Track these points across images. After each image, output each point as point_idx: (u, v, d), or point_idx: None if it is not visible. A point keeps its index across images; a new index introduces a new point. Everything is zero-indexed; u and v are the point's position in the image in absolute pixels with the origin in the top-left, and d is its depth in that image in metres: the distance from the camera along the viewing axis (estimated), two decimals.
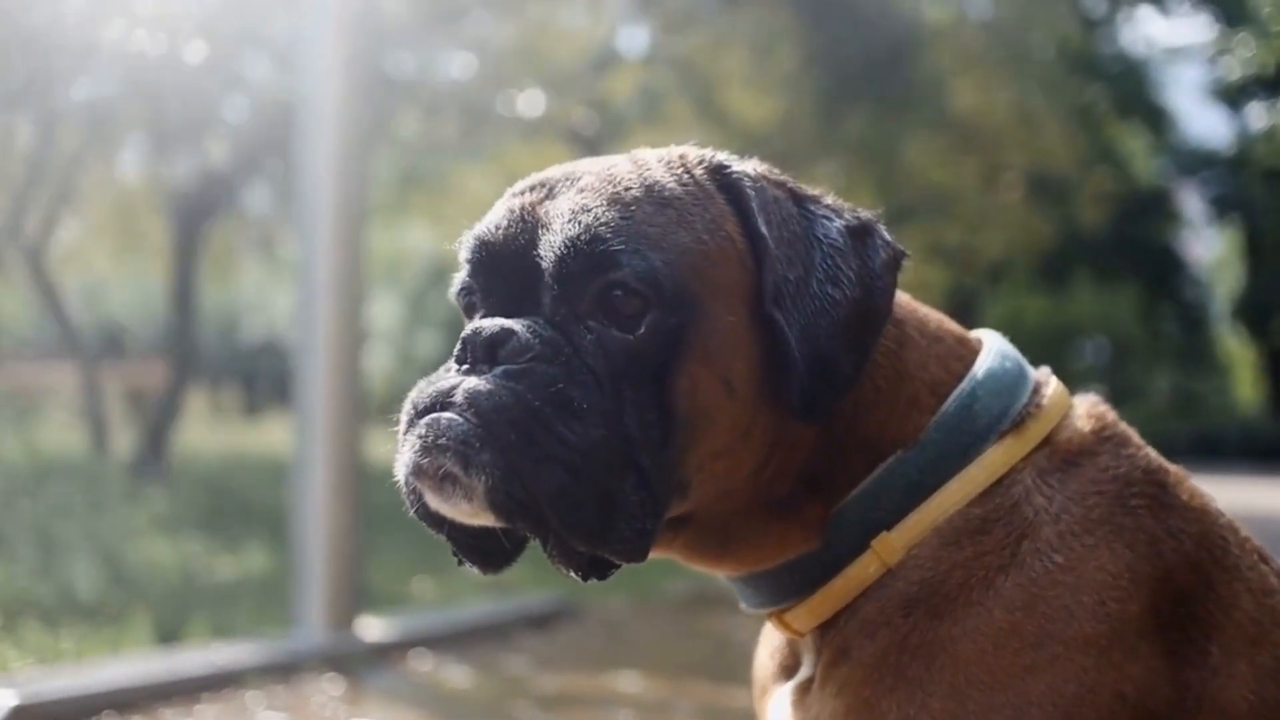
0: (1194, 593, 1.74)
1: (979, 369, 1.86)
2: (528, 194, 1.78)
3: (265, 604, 6.94)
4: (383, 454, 1.72)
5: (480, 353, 1.65)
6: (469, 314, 1.80)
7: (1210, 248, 43.07)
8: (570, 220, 1.69)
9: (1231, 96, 34.90)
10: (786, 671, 1.93)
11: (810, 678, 1.83)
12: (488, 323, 1.67)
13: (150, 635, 6.00)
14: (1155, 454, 1.86)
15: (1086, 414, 1.87)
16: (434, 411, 1.64)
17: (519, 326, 1.65)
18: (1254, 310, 37.85)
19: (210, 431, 20.57)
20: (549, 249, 1.68)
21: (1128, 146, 35.38)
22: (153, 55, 11.00)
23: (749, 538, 1.81)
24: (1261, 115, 33.51)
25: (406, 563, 8.56)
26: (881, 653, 1.72)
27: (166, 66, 11.33)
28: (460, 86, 15.41)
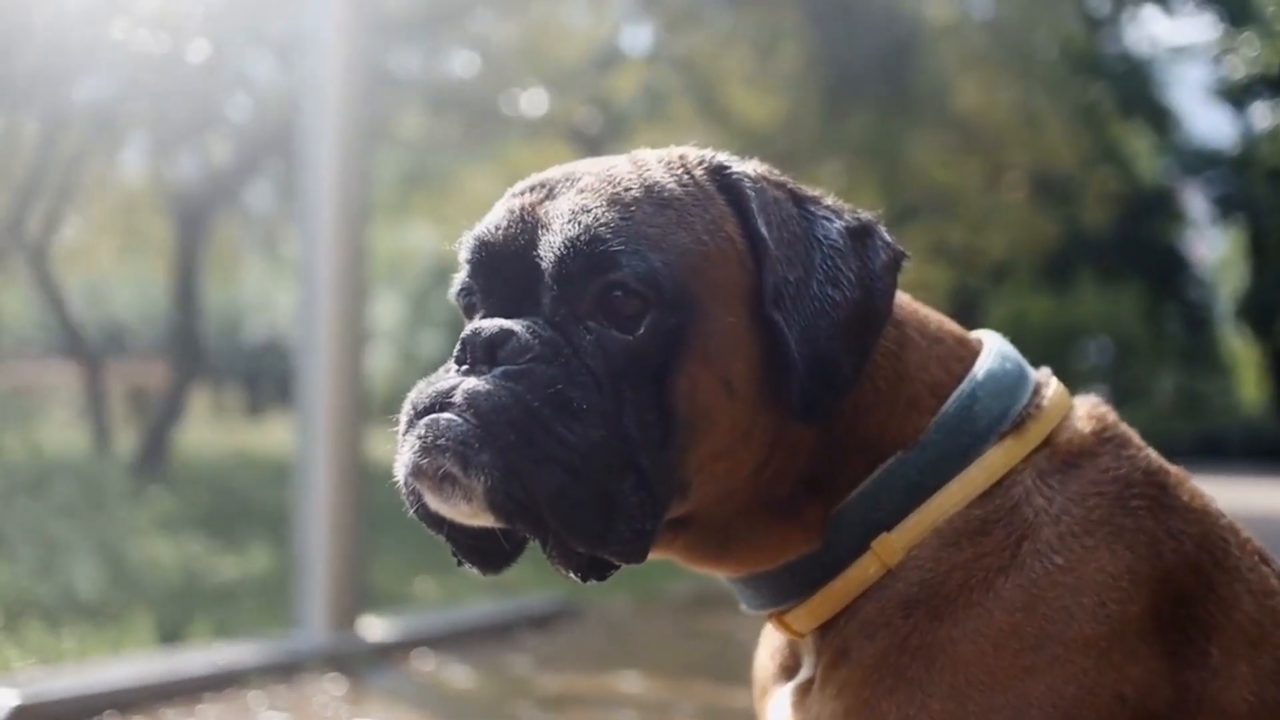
0: (1194, 594, 1.74)
1: (979, 370, 1.86)
2: (527, 194, 1.78)
3: (267, 604, 6.94)
4: (385, 454, 1.72)
5: (480, 353, 1.65)
6: (469, 314, 1.80)
7: (1214, 248, 43.05)
8: (570, 221, 1.68)
9: (1236, 96, 34.90)
10: (787, 672, 1.93)
11: (810, 679, 1.83)
12: (487, 323, 1.67)
13: (152, 635, 6.00)
14: (1156, 455, 1.86)
15: (1087, 415, 1.87)
16: (433, 412, 1.64)
17: (518, 327, 1.65)
18: (1258, 310, 37.85)
19: (212, 431, 20.58)
20: (549, 249, 1.68)
21: (1132, 146, 35.37)
22: (155, 54, 11.00)
23: (749, 539, 1.81)
24: (1266, 115, 33.55)
25: (408, 563, 8.56)
26: (881, 654, 1.72)
27: (169, 65, 11.33)
28: (463, 85, 15.41)
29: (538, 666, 6.07)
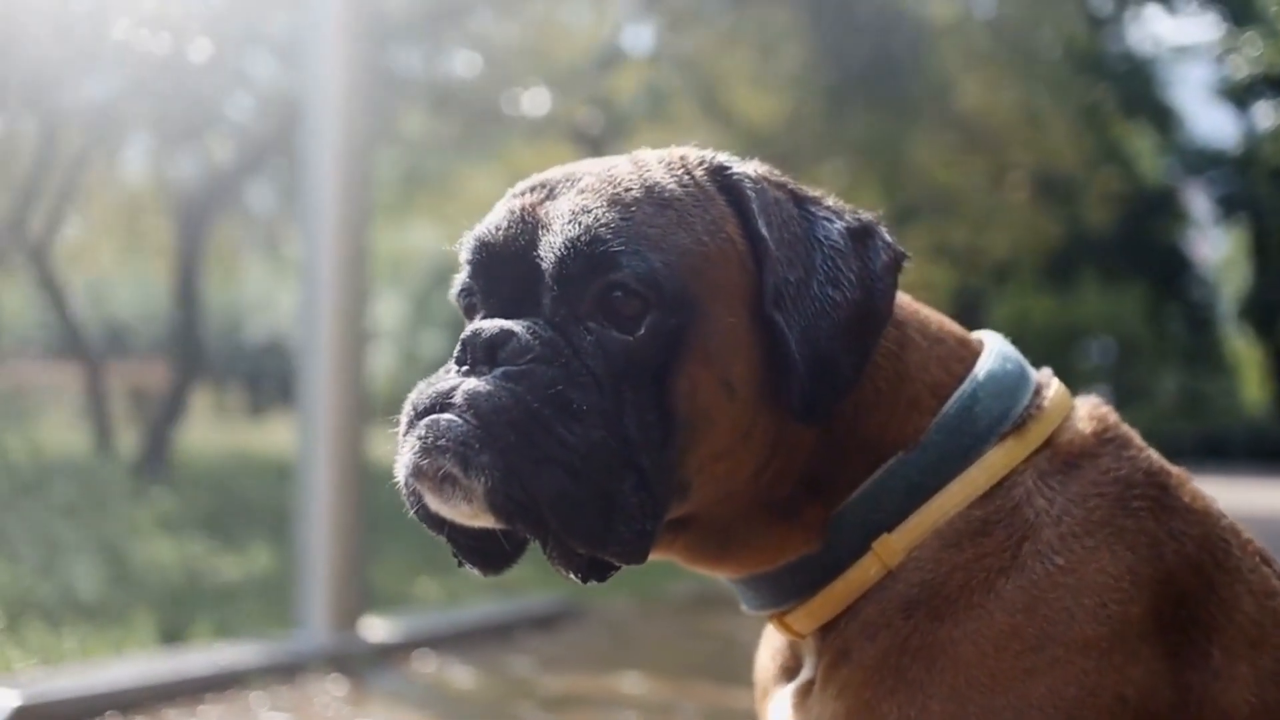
0: (1195, 595, 1.73)
1: (980, 370, 1.85)
2: (528, 195, 1.77)
3: (269, 604, 6.93)
4: (386, 454, 1.72)
5: (480, 354, 1.65)
6: (469, 315, 1.79)
7: (1217, 247, 43.03)
8: (570, 221, 1.68)
9: (1238, 95, 34.91)
10: (788, 673, 1.92)
11: (811, 680, 1.83)
12: (488, 324, 1.67)
13: (153, 635, 6.00)
14: (1157, 456, 1.86)
15: (1088, 415, 1.87)
16: (433, 413, 1.63)
17: (519, 328, 1.65)
18: (1261, 310, 37.86)
19: (214, 431, 20.60)
20: (549, 250, 1.68)
21: (1134, 146, 35.37)
22: (157, 54, 11.00)
23: (749, 540, 1.81)
24: (1268, 114, 33.56)
25: (410, 563, 8.56)
26: (882, 655, 1.72)
27: (171, 65, 11.34)
28: (464, 85, 15.41)
29: (539, 667, 6.07)
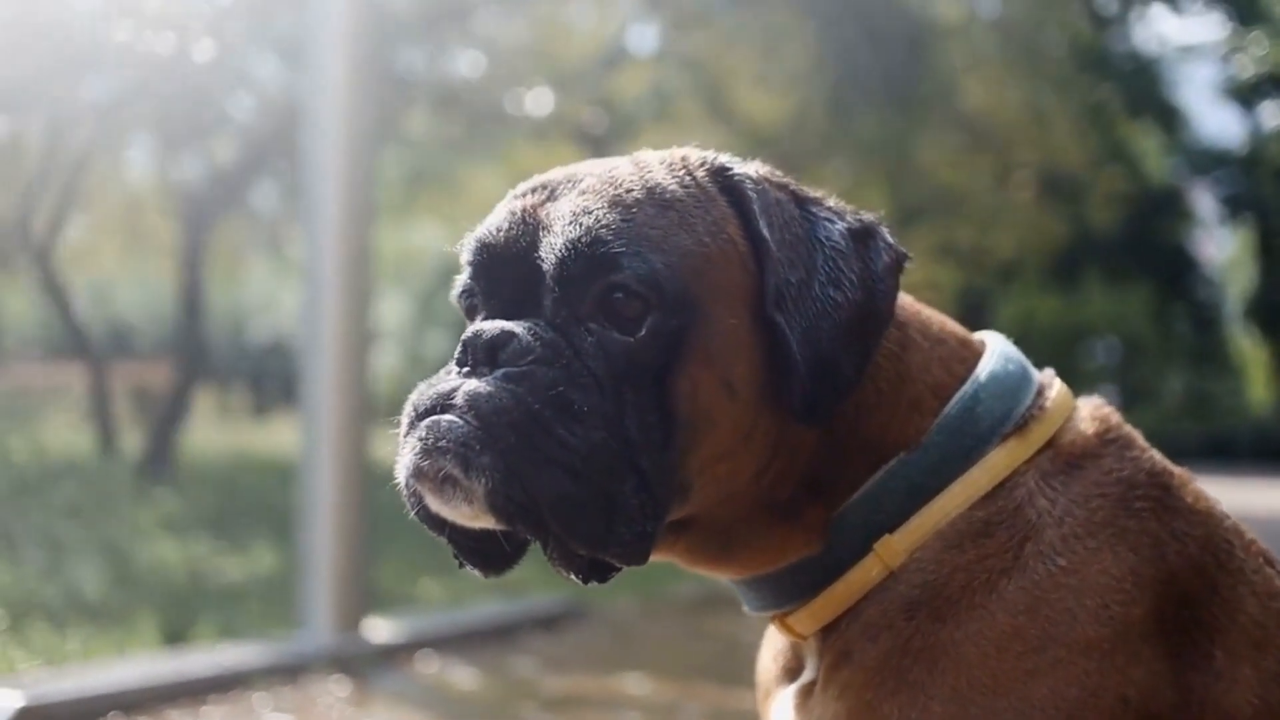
0: (1198, 596, 1.73)
1: (982, 371, 1.85)
2: (529, 196, 1.77)
3: (272, 605, 6.94)
4: (390, 454, 1.72)
5: (481, 355, 1.65)
6: (470, 316, 1.79)
7: (1223, 247, 42.94)
8: (571, 222, 1.68)
9: (1244, 95, 34.84)
10: (789, 674, 1.92)
11: (813, 681, 1.82)
12: (488, 325, 1.67)
13: (157, 636, 6.00)
14: (1160, 456, 1.85)
15: (1090, 416, 1.86)
16: (434, 414, 1.63)
17: (520, 329, 1.65)
18: (1267, 310, 37.78)
19: (218, 432, 20.61)
20: (550, 251, 1.68)
21: (1140, 146, 35.31)
22: (160, 55, 11.02)
23: (750, 541, 1.80)
24: (1274, 114, 33.53)
25: (413, 564, 8.56)
26: (883, 656, 1.71)
27: (174, 66, 11.35)
28: (468, 85, 15.42)
29: (543, 668, 6.07)
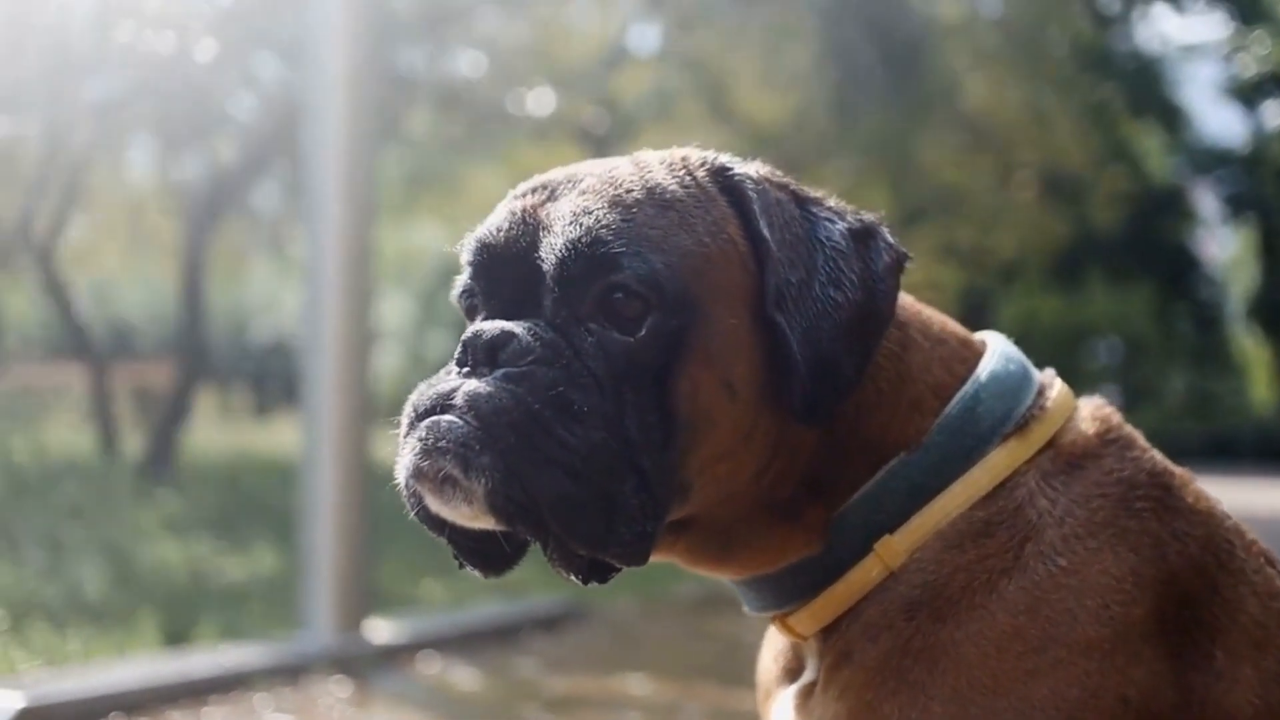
0: (1199, 596, 1.73)
1: (982, 371, 1.85)
2: (529, 196, 1.77)
3: (273, 605, 6.94)
4: (391, 455, 1.72)
5: (481, 355, 1.65)
6: (470, 316, 1.79)
7: (1225, 247, 42.91)
8: (571, 223, 1.68)
9: (1246, 94, 34.83)
10: (790, 675, 1.92)
11: (813, 681, 1.82)
12: (488, 325, 1.67)
13: (158, 637, 6.00)
14: (1161, 456, 1.85)
15: (1091, 416, 1.86)
16: (434, 414, 1.63)
17: (519, 329, 1.65)
18: (1269, 310, 37.75)
19: (219, 432, 20.60)
20: (550, 251, 1.68)
21: (1142, 145, 35.28)
22: (161, 55, 11.02)
23: (750, 541, 1.80)
24: (1276, 113, 33.50)
25: (414, 564, 8.55)
26: (884, 656, 1.71)
27: (175, 66, 11.36)
28: (469, 85, 15.42)
29: (544, 668, 6.07)
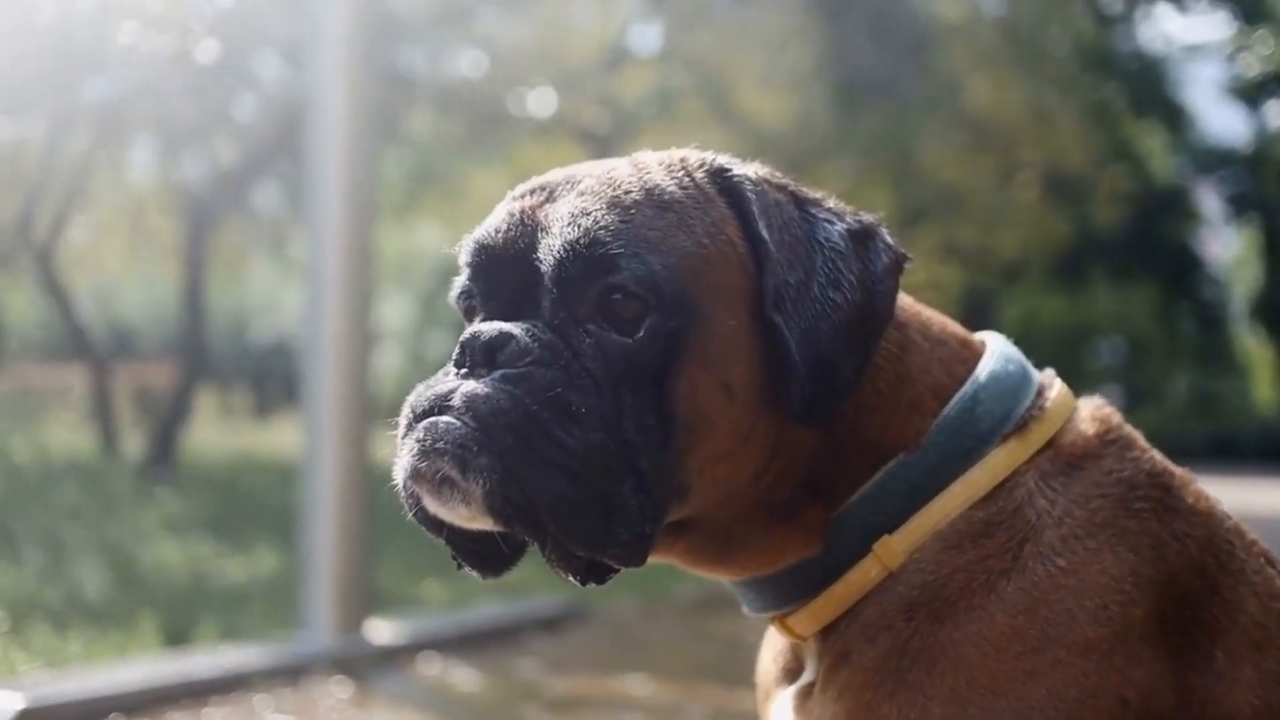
0: (1199, 597, 1.73)
1: (981, 372, 1.85)
2: (528, 197, 1.77)
3: (274, 606, 6.93)
4: (392, 455, 1.72)
5: (479, 356, 1.65)
6: (469, 317, 1.79)
7: (1228, 246, 42.88)
8: (569, 224, 1.68)
9: (1249, 94, 34.82)
10: (789, 675, 1.92)
11: (812, 682, 1.82)
12: (486, 326, 1.67)
13: (158, 638, 6.00)
14: (1160, 457, 1.85)
15: (1091, 416, 1.86)
16: (432, 415, 1.63)
17: (518, 330, 1.65)
18: (1272, 309, 37.74)
19: (219, 432, 20.63)
20: (548, 252, 1.68)
21: (1145, 145, 35.26)
22: (163, 55, 11.02)
23: (750, 542, 1.80)
24: (1279, 113, 33.48)
25: (415, 565, 8.55)
26: (882, 656, 1.71)
27: (176, 66, 11.36)
28: (470, 85, 15.42)
29: (545, 669, 6.06)
